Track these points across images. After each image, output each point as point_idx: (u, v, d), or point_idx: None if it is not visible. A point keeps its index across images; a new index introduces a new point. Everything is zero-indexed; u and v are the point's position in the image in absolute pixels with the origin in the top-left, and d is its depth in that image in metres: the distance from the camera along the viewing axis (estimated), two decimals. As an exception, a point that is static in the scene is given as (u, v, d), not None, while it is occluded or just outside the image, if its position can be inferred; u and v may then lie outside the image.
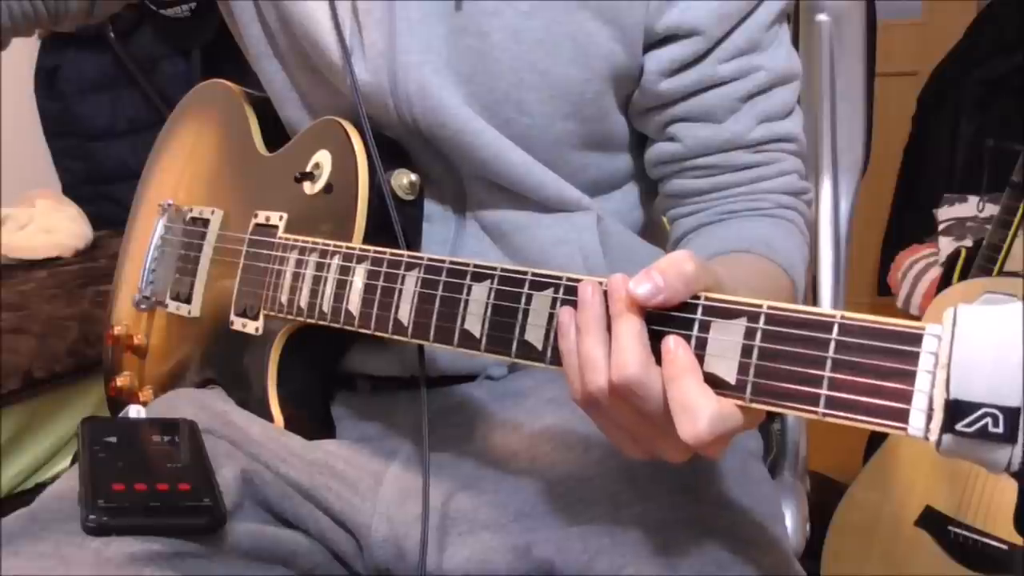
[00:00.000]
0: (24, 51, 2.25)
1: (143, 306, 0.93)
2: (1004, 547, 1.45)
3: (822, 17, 1.20)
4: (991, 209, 1.78)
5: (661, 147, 0.81)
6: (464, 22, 0.74)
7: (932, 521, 1.52)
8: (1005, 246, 1.55)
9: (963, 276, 1.63)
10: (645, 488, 0.65)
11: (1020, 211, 1.54)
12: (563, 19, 0.73)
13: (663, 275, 0.49)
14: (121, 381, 0.95)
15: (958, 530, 1.49)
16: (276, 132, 0.90)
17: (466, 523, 0.67)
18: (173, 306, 0.90)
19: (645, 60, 0.76)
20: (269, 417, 0.77)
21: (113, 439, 0.71)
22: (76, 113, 2.21)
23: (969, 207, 1.99)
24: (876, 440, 1.68)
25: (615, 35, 0.74)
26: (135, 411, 0.78)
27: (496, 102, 0.75)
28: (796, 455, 1.12)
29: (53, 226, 1.93)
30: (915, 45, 2.54)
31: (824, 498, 1.56)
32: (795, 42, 1.20)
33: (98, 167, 2.24)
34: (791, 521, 1.01)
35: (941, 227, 2.02)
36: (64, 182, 2.30)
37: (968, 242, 1.82)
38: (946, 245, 1.97)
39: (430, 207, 0.81)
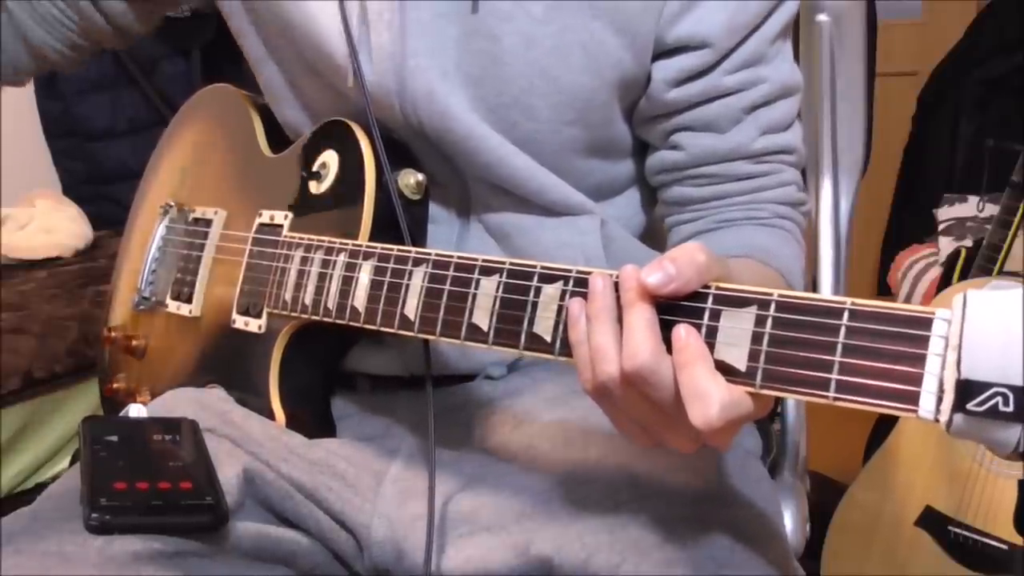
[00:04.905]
0: (24, 51, 2.24)
1: (142, 307, 0.93)
2: (1004, 547, 1.45)
3: (822, 17, 1.20)
4: (991, 209, 1.78)
5: (663, 155, 0.81)
6: (476, 25, 0.74)
7: (932, 521, 1.52)
8: (1005, 246, 1.55)
9: (963, 276, 1.63)
10: (643, 486, 0.65)
11: (1020, 211, 1.54)
12: (575, 26, 0.73)
13: (675, 264, 0.50)
14: (118, 384, 0.95)
15: (958, 530, 1.49)
16: (280, 134, 0.90)
17: (466, 525, 0.67)
18: (174, 306, 0.90)
19: (653, 69, 0.76)
20: (271, 415, 0.78)
21: (114, 438, 0.71)
22: (76, 113, 2.21)
23: (969, 207, 1.99)
24: (876, 440, 1.68)
25: (625, 44, 0.74)
26: (136, 410, 0.78)
27: (504, 106, 0.75)
28: (796, 455, 1.12)
29: (53, 226, 1.93)
30: (915, 45, 2.54)
31: (824, 498, 1.56)
32: (795, 42, 1.20)
33: (98, 167, 2.24)
34: (791, 521, 1.01)
35: (941, 227, 2.02)
36: (64, 182, 2.30)
37: (968, 242, 1.82)
38: (946, 245, 1.97)
39: (435, 209, 0.81)
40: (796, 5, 0.78)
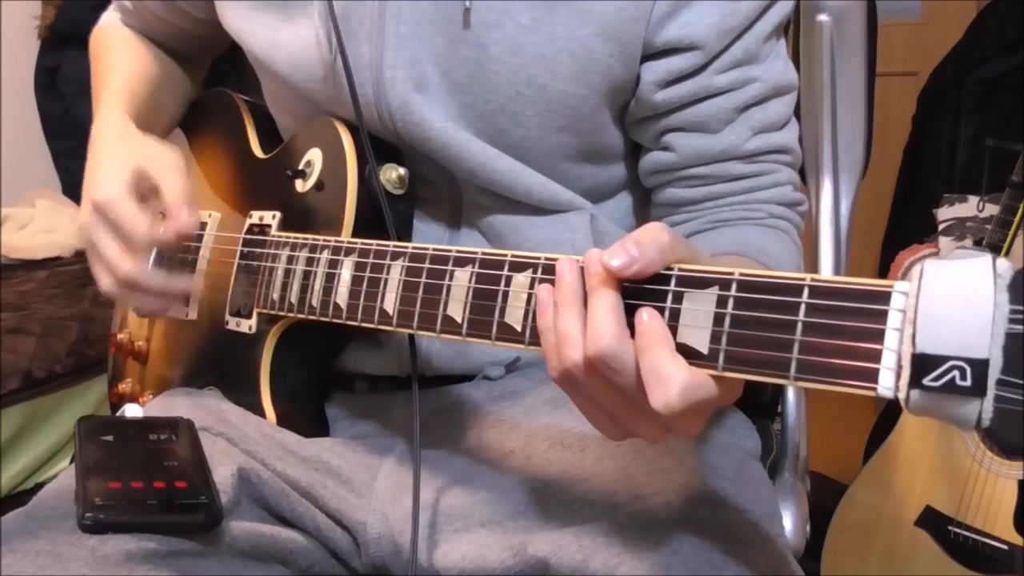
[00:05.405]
0: (24, 51, 2.25)
1: (143, 312, 0.94)
2: (1004, 547, 1.45)
3: (822, 17, 1.19)
4: (991, 209, 1.77)
5: (655, 156, 0.81)
6: (464, 33, 0.73)
7: (932, 521, 1.52)
8: (1005, 246, 1.55)
9: (963, 276, 1.62)
10: (640, 488, 0.65)
11: (1020, 211, 1.54)
12: (564, 35, 0.73)
13: (638, 246, 0.50)
14: (123, 387, 0.96)
15: (958, 530, 1.49)
16: (273, 135, 0.90)
17: (461, 520, 0.67)
18: (172, 310, 0.90)
19: (642, 70, 0.76)
20: (263, 415, 0.78)
21: (110, 437, 0.71)
22: (76, 113, 2.21)
23: (969, 207, 1.98)
24: (876, 440, 1.68)
25: (615, 51, 0.74)
26: (131, 410, 0.78)
27: (491, 113, 0.75)
28: (796, 455, 1.12)
29: (53, 226, 1.93)
30: (915, 45, 2.54)
31: (824, 498, 1.56)
32: (795, 42, 1.19)
33: (98, 167, 2.23)
34: (791, 521, 1.01)
35: (941, 227, 2.01)
36: (64, 182, 2.30)
37: (968, 242, 1.82)
38: (946, 245, 1.96)
39: (427, 208, 0.81)
40: (790, 4, 0.77)
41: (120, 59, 0.96)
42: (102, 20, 1.03)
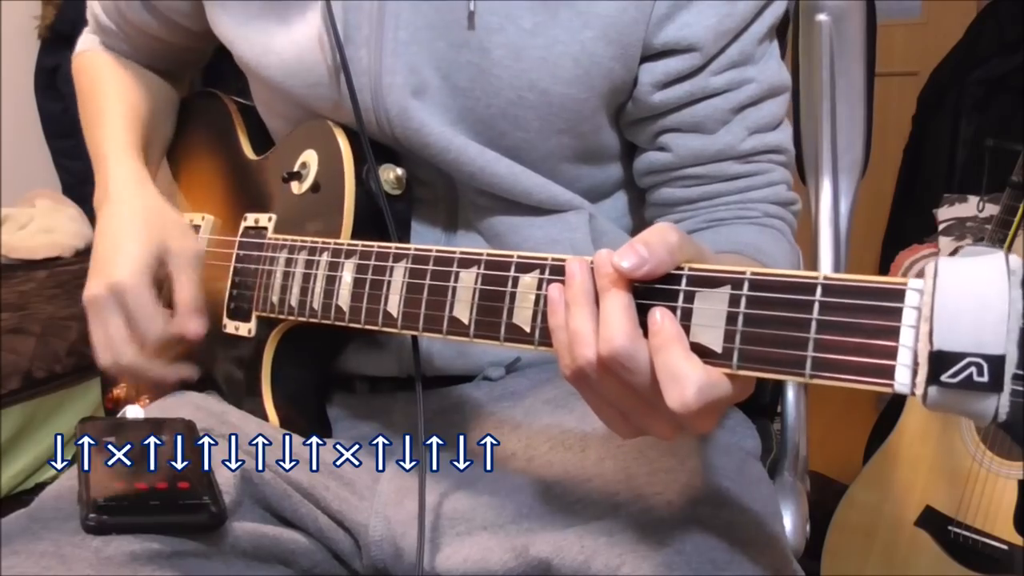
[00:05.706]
0: (24, 51, 2.25)
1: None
2: (1004, 547, 1.45)
3: (822, 17, 1.19)
4: (991, 209, 1.77)
5: (651, 156, 0.81)
6: (466, 37, 0.73)
7: (932, 521, 1.52)
8: (1005, 246, 1.55)
9: (963, 276, 1.62)
10: (642, 488, 0.65)
11: (1020, 211, 1.54)
12: (565, 38, 0.73)
13: (647, 246, 0.50)
14: (118, 392, 0.96)
15: (958, 530, 1.49)
16: (264, 136, 0.90)
17: (463, 523, 0.67)
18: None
19: (639, 72, 0.76)
20: (265, 418, 0.78)
21: (112, 439, 0.71)
22: (76, 113, 2.21)
23: (969, 207, 1.99)
24: (876, 440, 1.68)
25: (616, 53, 0.74)
26: (133, 411, 0.78)
27: (492, 117, 0.75)
28: (796, 455, 1.12)
29: (53, 226, 1.94)
30: (915, 45, 2.54)
31: (824, 498, 1.56)
32: (795, 42, 1.19)
33: (98, 167, 2.23)
34: (791, 521, 1.01)
35: (941, 227, 2.02)
36: (64, 182, 2.30)
37: (968, 242, 1.82)
38: (946, 245, 1.96)
39: (424, 209, 0.81)
40: (784, 5, 0.78)
41: (112, 94, 0.95)
42: (80, 45, 1.02)
